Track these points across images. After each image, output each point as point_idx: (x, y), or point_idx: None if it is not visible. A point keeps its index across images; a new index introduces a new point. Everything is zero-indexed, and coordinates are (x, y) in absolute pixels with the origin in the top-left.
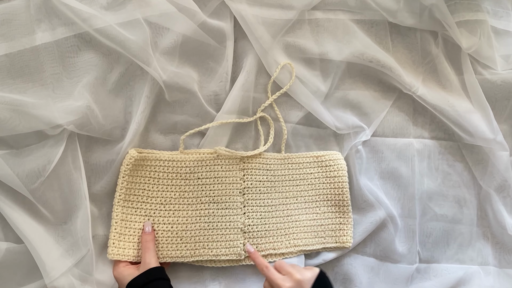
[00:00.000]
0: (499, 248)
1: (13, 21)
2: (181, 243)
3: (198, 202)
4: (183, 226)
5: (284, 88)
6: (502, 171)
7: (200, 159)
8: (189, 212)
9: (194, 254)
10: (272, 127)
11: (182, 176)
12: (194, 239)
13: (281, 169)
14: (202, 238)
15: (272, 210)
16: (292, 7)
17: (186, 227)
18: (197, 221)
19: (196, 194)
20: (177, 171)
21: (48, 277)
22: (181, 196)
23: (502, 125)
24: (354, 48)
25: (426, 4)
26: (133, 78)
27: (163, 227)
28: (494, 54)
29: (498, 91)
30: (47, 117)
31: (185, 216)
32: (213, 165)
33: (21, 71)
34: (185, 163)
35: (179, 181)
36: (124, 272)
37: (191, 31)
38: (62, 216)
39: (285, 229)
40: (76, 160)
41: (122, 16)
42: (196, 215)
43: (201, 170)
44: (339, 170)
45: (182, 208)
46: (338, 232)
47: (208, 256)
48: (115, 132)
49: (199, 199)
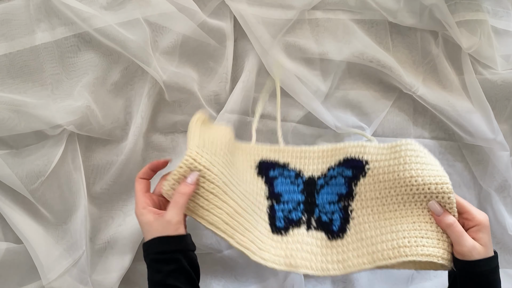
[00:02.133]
0: (499, 248)
1: (12, 21)
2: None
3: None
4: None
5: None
6: (503, 171)
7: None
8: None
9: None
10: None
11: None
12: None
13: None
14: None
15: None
16: (292, 7)
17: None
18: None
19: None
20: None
21: (46, 278)
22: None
23: (502, 125)
24: (354, 48)
25: (426, 4)
26: (133, 78)
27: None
28: (494, 54)
29: (499, 91)
30: (47, 117)
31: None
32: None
33: (21, 71)
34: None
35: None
36: (143, 217)
37: (191, 31)
38: (61, 217)
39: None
40: (76, 160)
41: (122, 16)
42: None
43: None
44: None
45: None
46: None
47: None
48: (115, 132)
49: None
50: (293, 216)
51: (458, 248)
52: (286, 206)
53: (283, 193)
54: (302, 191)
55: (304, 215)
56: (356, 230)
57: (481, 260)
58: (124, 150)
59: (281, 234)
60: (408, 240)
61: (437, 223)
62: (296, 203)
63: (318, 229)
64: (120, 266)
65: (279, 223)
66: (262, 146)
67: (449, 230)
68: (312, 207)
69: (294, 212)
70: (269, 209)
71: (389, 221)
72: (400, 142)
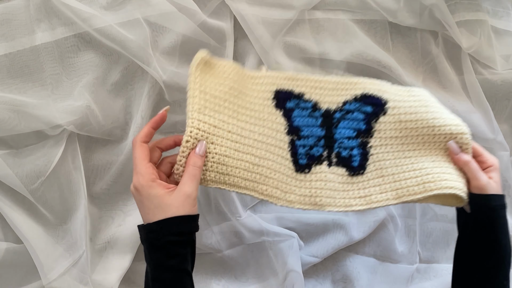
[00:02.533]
0: None
1: (12, 21)
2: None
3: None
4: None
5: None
6: (503, 171)
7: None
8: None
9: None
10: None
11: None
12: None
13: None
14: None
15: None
16: (292, 7)
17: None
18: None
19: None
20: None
21: (46, 278)
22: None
23: (502, 125)
24: (354, 48)
25: (426, 4)
26: (133, 78)
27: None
28: (494, 54)
29: (498, 91)
30: (47, 117)
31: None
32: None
33: (20, 71)
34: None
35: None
36: (153, 190)
37: (191, 31)
38: (61, 217)
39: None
40: (76, 160)
41: (122, 16)
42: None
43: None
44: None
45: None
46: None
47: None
48: (115, 132)
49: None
50: (315, 152)
51: (475, 182)
52: (307, 141)
53: (303, 126)
54: (321, 125)
55: (325, 151)
56: (376, 166)
57: (495, 194)
58: (124, 150)
59: (304, 172)
60: (432, 176)
61: (455, 161)
62: (317, 138)
63: (339, 164)
64: (120, 266)
65: (302, 160)
66: (275, 73)
67: (467, 167)
68: (331, 142)
69: (316, 148)
70: (290, 145)
71: (409, 159)
72: (417, 88)
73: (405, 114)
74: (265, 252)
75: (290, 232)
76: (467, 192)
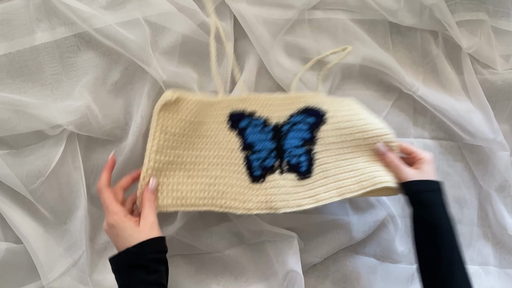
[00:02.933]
0: (499, 248)
1: (12, 21)
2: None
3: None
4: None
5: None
6: (503, 171)
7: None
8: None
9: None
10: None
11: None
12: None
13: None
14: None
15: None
16: (292, 7)
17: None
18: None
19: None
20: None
21: (46, 278)
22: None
23: (502, 125)
24: (354, 48)
25: (426, 3)
26: (133, 78)
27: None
28: (494, 54)
29: (499, 91)
30: (46, 117)
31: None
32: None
33: (20, 71)
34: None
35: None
36: (127, 223)
37: (191, 31)
38: (61, 217)
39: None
40: (76, 160)
41: (122, 16)
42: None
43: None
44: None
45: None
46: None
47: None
48: (115, 132)
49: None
50: (267, 164)
51: (400, 176)
52: (260, 155)
53: (255, 142)
54: (272, 138)
55: (277, 161)
56: (321, 169)
57: (416, 180)
58: (124, 150)
59: (260, 182)
60: (366, 175)
61: (382, 160)
62: (269, 150)
63: (289, 171)
64: None
65: (256, 172)
66: (230, 97)
67: (391, 165)
68: (282, 152)
69: (268, 159)
70: (245, 160)
71: (347, 161)
72: (348, 99)
73: (341, 122)
74: (265, 252)
75: (290, 232)
76: (398, 183)
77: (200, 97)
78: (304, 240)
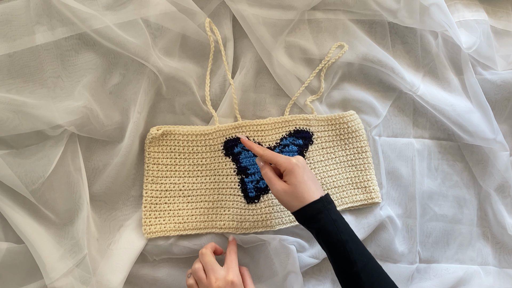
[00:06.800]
0: (499, 248)
1: (13, 21)
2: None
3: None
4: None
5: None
6: (502, 171)
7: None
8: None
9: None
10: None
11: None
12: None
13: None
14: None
15: None
16: (292, 7)
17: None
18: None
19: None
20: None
21: (49, 277)
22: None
23: (502, 125)
24: (354, 48)
25: (426, 4)
26: (133, 78)
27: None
28: (494, 54)
29: (498, 91)
30: (47, 117)
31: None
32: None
33: (21, 71)
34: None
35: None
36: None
37: (191, 31)
38: (63, 217)
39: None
40: (76, 160)
41: (122, 16)
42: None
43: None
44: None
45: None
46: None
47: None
48: (115, 132)
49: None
50: (261, 185)
51: (271, 189)
52: (254, 177)
53: (249, 166)
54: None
55: None
56: None
57: (295, 213)
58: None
59: (255, 203)
60: (345, 193)
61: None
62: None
63: None
64: (122, 267)
65: (251, 194)
66: (224, 125)
67: (265, 179)
68: None
69: (262, 181)
70: (240, 183)
71: (331, 177)
72: (336, 115)
73: (325, 142)
74: (265, 252)
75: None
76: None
77: (189, 129)
78: (304, 240)
